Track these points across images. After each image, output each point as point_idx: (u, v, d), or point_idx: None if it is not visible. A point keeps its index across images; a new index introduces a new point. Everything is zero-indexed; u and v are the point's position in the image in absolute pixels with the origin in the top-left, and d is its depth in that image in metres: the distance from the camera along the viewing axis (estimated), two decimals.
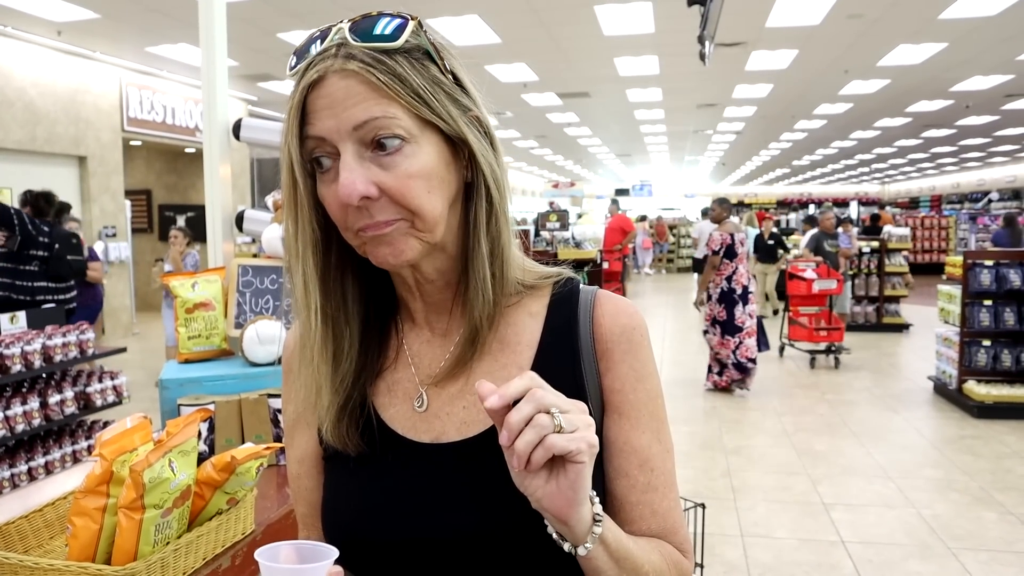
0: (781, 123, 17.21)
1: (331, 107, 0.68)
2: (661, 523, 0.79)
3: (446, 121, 0.71)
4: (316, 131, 0.69)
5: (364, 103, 0.68)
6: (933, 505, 4.25)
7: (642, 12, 8.11)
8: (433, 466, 0.77)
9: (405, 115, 0.69)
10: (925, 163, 27.13)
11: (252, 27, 8.26)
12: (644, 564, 0.71)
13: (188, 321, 2.12)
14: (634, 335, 0.80)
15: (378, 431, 0.79)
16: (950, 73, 11.27)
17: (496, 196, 0.76)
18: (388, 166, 0.69)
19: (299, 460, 0.87)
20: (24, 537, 1.31)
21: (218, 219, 2.39)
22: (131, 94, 10.69)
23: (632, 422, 0.79)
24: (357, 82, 0.68)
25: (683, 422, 5.97)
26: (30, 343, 3.71)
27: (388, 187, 0.69)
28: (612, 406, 0.79)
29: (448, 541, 0.74)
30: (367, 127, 0.67)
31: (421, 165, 0.70)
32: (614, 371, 0.79)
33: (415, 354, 0.83)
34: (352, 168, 0.67)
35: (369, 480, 0.78)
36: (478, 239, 0.76)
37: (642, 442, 0.79)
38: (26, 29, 8.68)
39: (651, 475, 0.78)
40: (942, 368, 6.61)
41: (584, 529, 0.65)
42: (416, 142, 0.70)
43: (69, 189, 9.90)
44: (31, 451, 3.89)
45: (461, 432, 0.77)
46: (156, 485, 1.16)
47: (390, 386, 0.82)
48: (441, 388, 0.80)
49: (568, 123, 17.12)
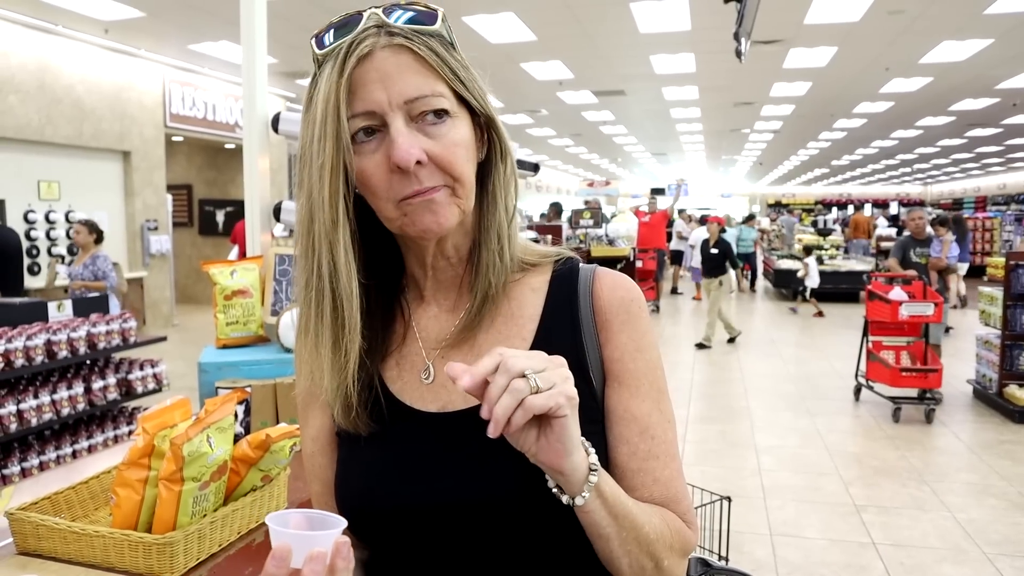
0: (820, 122, 16.95)
1: (382, 80, 0.72)
2: (663, 491, 0.80)
3: (477, 100, 0.78)
4: (365, 104, 0.72)
5: (415, 77, 0.73)
6: (968, 509, 4.18)
7: (678, 9, 8.06)
8: (441, 434, 0.80)
9: (447, 90, 0.75)
10: (970, 163, 26.49)
11: (290, 24, 8.39)
12: (644, 524, 0.74)
13: (226, 308, 2.19)
14: (632, 307, 0.83)
15: (386, 405, 0.82)
16: (996, 70, 11.00)
17: (509, 174, 0.83)
18: (434, 135, 0.74)
19: (313, 438, 0.89)
20: (71, 506, 1.37)
21: (256, 210, 2.46)
22: (174, 91, 10.93)
23: (632, 390, 0.81)
24: (409, 57, 0.73)
25: (714, 421, 5.94)
26: (75, 330, 3.84)
27: (436, 154, 0.73)
28: (612, 375, 0.82)
29: (456, 506, 0.76)
30: (418, 102, 0.73)
31: (462, 136, 0.76)
32: (613, 341, 0.82)
33: (422, 328, 0.86)
34: (406, 135, 0.72)
35: (379, 451, 0.81)
36: (495, 211, 0.82)
37: (643, 410, 0.81)
38: (75, 27, 8.93)
39: (652, 443, 0.80)
40: (982, 371, 6.48)
41: (580, 478, 0.68)
42: (456, 116, 0.76)
43: (113, 183, 10.17)
44: (75, 434, 4.03)
45: (467, 400, 0.79)
46: (195, 459, 1.21)
47: (398, 361, 0.85)
48: (447, 359, 0.83)
49: (603, 121, 17.07)
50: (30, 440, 3.84)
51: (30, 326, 3.70)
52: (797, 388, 7.03)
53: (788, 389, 6.99)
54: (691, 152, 24.25)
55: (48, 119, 8.87)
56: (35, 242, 8.82)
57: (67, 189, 9.30)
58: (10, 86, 8.38)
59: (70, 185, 9.34)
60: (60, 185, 9.20)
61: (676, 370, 7.87)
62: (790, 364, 8.18)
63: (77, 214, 9.32)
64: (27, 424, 3.65)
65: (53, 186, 9.10)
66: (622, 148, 22.93)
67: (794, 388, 7.03)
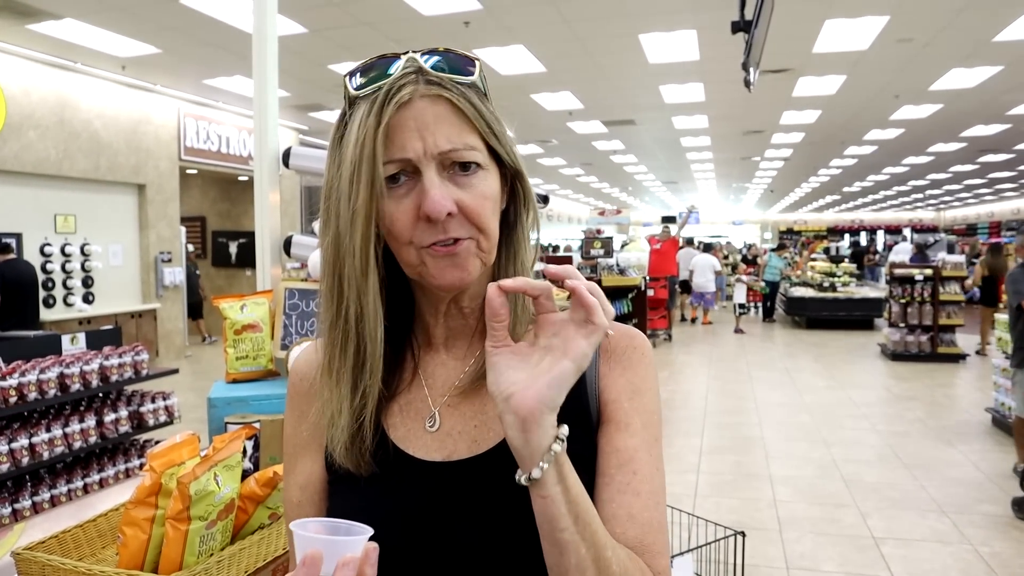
0: (830, 149, 16.96)
1: (419, 129, 0.71)
2: (639, 532, 0.73)
3: (508, 153, 0.78)
4: (401, 152, 0.72)
5: (451, 128, 0.72)
6: (991, 542, 4.09)
7: (687, 40, 8.14)
8: (443, 483, 0.78)
9: (480, 143, 0.75)
10: (982, 188, 26.38)
11: (303, 59, 8.53)
12: (607, 547, 0.67)
13: (236, 342, 2.19)
14: (633, 354, 0.83)
15: (390, 452, 0.80)
16: (1007, 96, 11.00)
17: (530, 225, 0.83)
18: (465, 186, 0.73)
19: (302, 487, 0.85)
20: (79, 545, 1.36)
21: (267, 244, 2.47)
22: (188, 124, 11.10)
23: (621, 428, 0.79)
24: (447, 109, 0.73)
25: (728, 451, 5.87)
26: (88, 363, 3.85)
27: (466, 205, 0.73)
28: (606, 417, 0.80)
29: (454, 554, 0.75)
30: (452, 154, 0.72)
31: (491, 189, 0.76)
32: (612, 386, 0.81)
33: (429, 375, 0.84)
34: (438, 186, 0.71)
35: (378, 497, 0.79)
36: (513, 264, 0.81)
37: (628, 444, 0.78)
38: (93, 64, 9.11)
39: (632, 477, 0.76)
40: (1000, 400, 6.39)
41: (543, 444, 0.63)
42: (487, 169, 0.75)
43: (128, 216, 10.29)
44: (87, 468, 4.02)
45: (472, 450, 0.78)
46: (202, 497, 1.20)
47: (402, 407, 0.83)
48: (454, 408, 0.81)
49: (614, 150, 17.16)
50: (41, 474, 3.85)
51: (43, 359, 3.72)
52: (812, 417, 6.94)
53: (803, 419, 6.91)
54: (702, 180, 24.30)
55: (66, 154, 9.02)
56: (51, 275, 8.91)
57: (83, 222, 9.41)
58: (30, 122, 8.54)
59: (86, 218, 9.46)
60: (76, 218, 9.32)
61: (689, 400, 7.81)
62: (805, 393, 8.09)
63: (92, 247, 9.42)
64: (39, 458, 3.66)
65: (69, 219, 9.22)
66: (632, 177, 23.01)
67: (809, 417, 6.94)
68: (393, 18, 7.36)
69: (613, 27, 7.74)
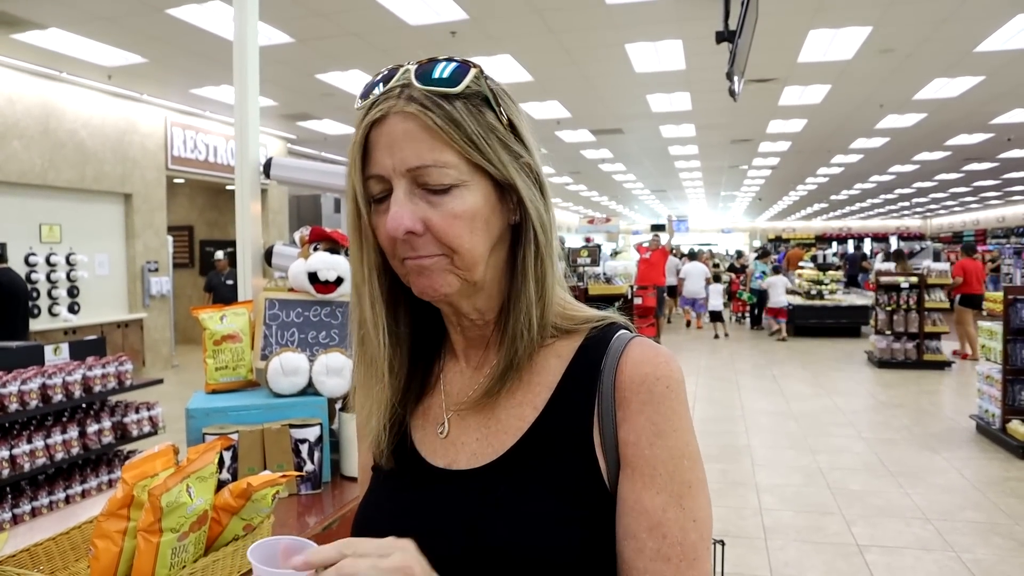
0: (817, 158, 17.09)
1: (389, 146, 0.72)
2: None
3: (495, 166, 0.74)
4: (374, 168, 0.74)
5: (419, 146, 0.71)
6: (974, 549, 4.11)
7: (673, 49, 8.20)
8: (439, 490, 0.80)
9: (458, 159, 0.72)
10: (967, 197, 26.63)
11: (290, 69, 8.52)
12: None
13: (216, 353, 2.19)
14: (656, 385, 0.75)
15: (408, 452, 0.85)
16: (989, 106, 11.13)
17: (543, 240, 0.78)
18: (436, 204, 0.72)
19: (363, 467, 0.95)
20: (51, 558, 1.35)
21: (248, 254, 2.46)
22: (175, 134, 11.07)
23: (645, 480, 0.73)
24: (415, 125, 0.72)
25: (715, 460, 5.88)
26: (71, 374, 3.83)
27: (433, 224, 0.72)
28: (626, 460, 0.74)
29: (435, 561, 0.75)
30: (420, 171, 0.72)
31: (467, 207, 0.73)
32: (630, 422, 0.74)
33: (448, 383, 0.87)
34: (402, 204, 0.72)
35: (389, 493, 0.85)
36: (524, 281, 0.79)
37: (655, 503, 0.72)
38: (79, 74, 9.08)
39: (662, 542, 0.71)
40: (984, 407, 6.43)
41: None
42: (466, 185, 0.73)
43: (114, 226, 10.24)
44: (69, 479, 3.99)
45: (469, 462, 0.80)
46: (173, 509, 1.20)
47: (424, 411, 0.88)
48: (462, 418, 0.84)
49: (602, 159, 17.23)
50: (23, 485, 3.81)
51: (25, 370, 3.69)
52: (799, 425, 6.97)
53: (790, 426, 6.94)
54: (690, 189, 24.42)
55: (51, 163, 8.98)
56: (36, 284, 8.85)
57: (68, 232, 9.36)
58: (15, 131, 8.50)
59: (71, 228, 9.41)
60: (62, 228, 9.27)
61: None
62: (792, 401, 8.13)
63: (78, 256, 9.37)
64: (20, 469, 3.62)
65: (55, 229, 9.17)
66: (621, 185, 23.10)
67: (796, 425, 6.97)
68: (380, 28, 7.38)
69: (599, 37, 7.79)
